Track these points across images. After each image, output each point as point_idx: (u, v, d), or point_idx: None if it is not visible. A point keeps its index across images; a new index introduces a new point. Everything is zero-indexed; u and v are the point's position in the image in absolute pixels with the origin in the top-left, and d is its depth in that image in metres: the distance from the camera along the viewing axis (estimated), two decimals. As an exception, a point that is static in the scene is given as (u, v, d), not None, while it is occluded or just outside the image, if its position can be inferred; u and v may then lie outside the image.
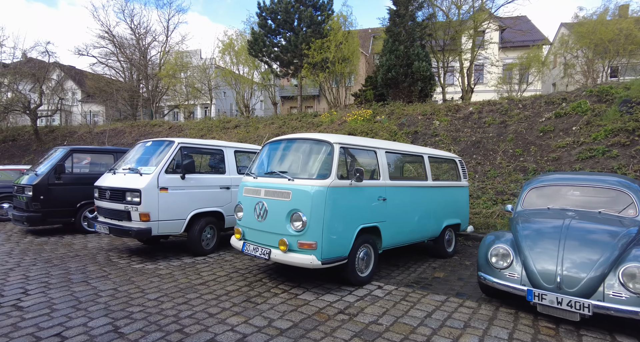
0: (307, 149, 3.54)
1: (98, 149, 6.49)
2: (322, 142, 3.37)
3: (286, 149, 3.72)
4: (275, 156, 3.80)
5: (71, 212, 5.84)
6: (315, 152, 3.41)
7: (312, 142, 3.50)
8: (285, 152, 3.73)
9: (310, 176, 3.25)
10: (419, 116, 10.86)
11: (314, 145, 3.46)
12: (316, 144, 3.44)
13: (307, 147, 3.53)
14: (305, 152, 3.55)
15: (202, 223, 4.54)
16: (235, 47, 16.53)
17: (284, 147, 3.74)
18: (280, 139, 3.77)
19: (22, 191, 5.72)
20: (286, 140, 3.72)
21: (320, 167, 3.28)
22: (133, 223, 4.13)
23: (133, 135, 17.71)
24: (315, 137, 3.48)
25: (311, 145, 3.50)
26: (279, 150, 3.79)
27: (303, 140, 3.60)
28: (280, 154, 3.76)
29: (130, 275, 3.70)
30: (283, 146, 3.76)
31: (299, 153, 3.60)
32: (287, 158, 3.67)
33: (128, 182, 4.21)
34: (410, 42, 11.98)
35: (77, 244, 5.18)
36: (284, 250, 3.12)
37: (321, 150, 3.35)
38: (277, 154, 3.80)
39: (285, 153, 3.72)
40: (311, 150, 3.48)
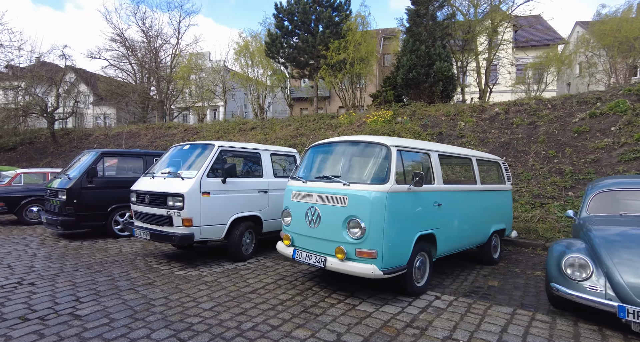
0: (360, 152, 3.41)
1: (128, 152, 6.46)
2: (377, 145, 3.24)
3: (336, 152, 3.59)
4: (324, 160, 3.67)
5: (102, 216, 5.80)
6: (370, 156, 3.27)
7: (365, 144, 3.37)
8: (335, 155, 3.60)
9: (366, 180, 3.12)
10: (442, 117, 10.65)
11: (368, 148, 3.32)
12: (371, 146, 3.30)
13: (361, 150, 3.40)
14: (358, 155, 3.42)
15: (242, 228, 4.44)
16: (251, 48, 16.54)
17: (334, 150, 3.62)
18: (329, 142, 3.64)
19: (55, 195, 5.70)
20: (336, 143, 3.59)
21: (377, 171, 3.14)
22: (175, 228, 4.05)
23: (148, 138, 17.84)
24: (369, 140, 3.34)
25: (365, 148, 3.37)
26: (327, 154, 3.67)
27: (355, 143, 3.47)
28: (329, 158, 3.64)
29: (176, 282, 3.61)
30: (332, 149, 3.63)
31: (351, 156, 3.47)
32: (338, 162, 3.54)
33: (169, 186, 4.13)
34: (431, 42, 11.79)
35: (112, 249, 5.13)
36: (341, 258, 2.99)
37: (377, 154, 3.22)
38: (326, 157, 3.67)
39: (336, 156, 3.59)
40: (365, 153, 3.34)
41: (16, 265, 4.16)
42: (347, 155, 3.50)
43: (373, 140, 3.30)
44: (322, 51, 12.85)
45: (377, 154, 3.21)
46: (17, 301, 3.03)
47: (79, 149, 19.54)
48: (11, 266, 4.13)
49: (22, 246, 5.24)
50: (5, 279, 3.62)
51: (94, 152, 6.06)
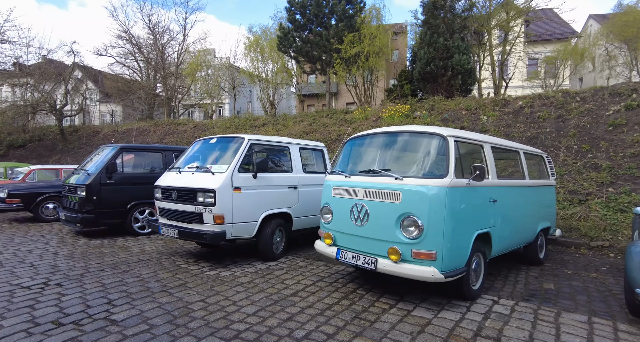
0: (411, 143, 3.14)
1: (147, 147, 6.25)
2: (431, 135, 2.96)
3: (382, 144, 3.33)
4: (367, 152, 3.41)
5: (122, 213, 5.61)
6: (424, 147, 3.00)
7: (418, 135, 3.10)
8: (380, 147, 3.34)
9: (422, 174, 2.85)
10: (463, 111, 10.31)
11: (421, 139, 3.05)
12: (423, 137, 3.03)
13: (412, 141, 3.13)
14: (409, 146, 3.15)
15: (273, 225, 4.20)
16: (261, 43, 16.26)
17: (379, 141, 3.35)
18: (373, 132, 3.37)
19: (74, 191, 5.52)
20: (381, 134, 3.31)
21: (433, 164, 2.88)
22: (206, 226, 3.82)
23: (158, 135, 17.69)
24: (422, 130, 3.07)
25: (417, 138, 3.10)
26: (371, 146, 3.41)
27: (405, 134, 3.20)
28: (374, 150, 3.38)
29: (209, 283, 3.39)
30: (377, 141, 3.36)
31: (400, 148, 3.21)
32: (385, 154, 3.28)
33: (199, 181, 3.90)
34: (449, 34, 11.42)
35: (134, 248, 4.93)
36: (395, 260, 2.74)
37: (431, 145, 2.94)
38: (369, 149, 3.41)
39: (381, 148, 3.33)
40: (417, 145, 3.07)
41: (39, 264, 3.97)
42: (395, 147, 3.23)
43: (426, 130, 3.03)
44: (336, 45, 12.53)
45: (431, 145, 2.94)
46: (47, 304, 2.82)
47: (88, 145, 19.47)
48: (34, 265, 3.94)
49: (41, 244, 5.07)
50: (31, 280, 3.43)
51: (112, 147, 5.85)
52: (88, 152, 18.73)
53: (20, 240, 5.28)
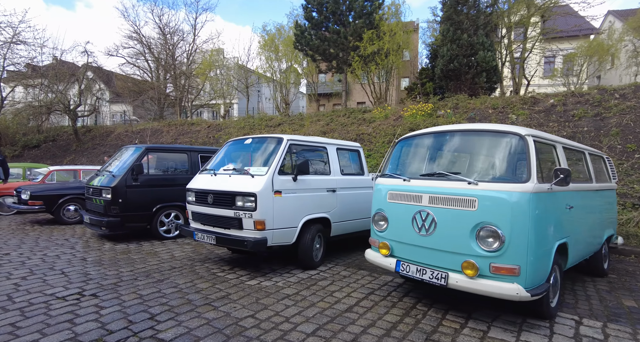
0: (482, 144, 2.82)
1: (173, 148, 6.05)
2: (508, 135, 2.65)
3: (445, 145, 3.02)
4: (426, 154, 3.12)
5: (148, 217, 5.41)
6: (499, 148, 2.69)
7: (490, 134, 2.78)
8: (442, 148, 3.04)
9: (499, 178, 2.54)
10: (489, 110, 9.91)
11: (495, 139, 2.74)
12: (498, 136, 2.72)
13: (483, 142, 2.82)
14: (479, 147, 2.84)
15: (313, 231, 3.93)
16: (276, 41, 16.05)
17: (441, 142, 3.04)
18: (432, 132, 3.07)
19: (98, 193, 5.34)
20: (444, 133, 3.01)
21: (511, 167, 2.57)
22: (246, 232, 3.57)
23: (171, 135, 17.63)
24: (495, 129, 2.76)
25: (490, 138, 2.78)
26: (431, 147, 3.10)
27: (475, 133, 2.88)
28: (434, 151, 3.08)
29: (253, 295, 3.13)
30: (438, 141, 3.06)
31: (468, 149, 2.91)
32: (449, 156, 2.98)
33: (238, 184, 3.66)
34: (473, 30, 11.02)
35: (162, 253, 4.72)
36: (471, 275, 2.44)
37: (507, 145, 2.63)
38: (429, 151, 3.11)
39: (444, 150, 3.03)
40: (491, 146, 2.76)
41: (70, 271, 3.77)
42: (462, 148, 2.93)
43: (501, 129, 2.71)
44: (355, 42, 12.23)
45: (507, 146, 2.63)
46: (87, 318, 2.60)
47: (101, 146, 19.53)
48: (65, 272, 3.74)
49: (67, 248, 4.89)
50: (65, 289, 3.22)
51: (137, 148, 5.66)
52: (102, 152, 18.78)
53: (46, 244, 5.12)
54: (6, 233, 5.87)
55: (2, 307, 2.81)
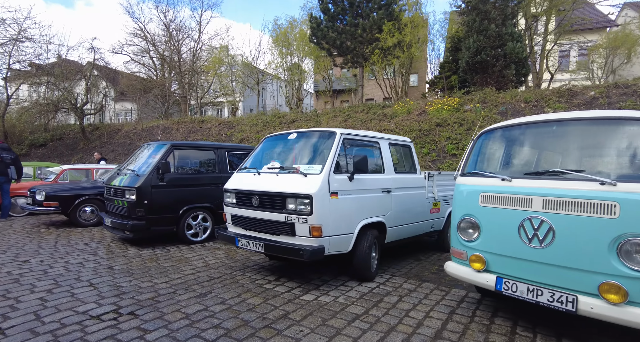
0: (614, 135, 2.31)
1: (198, 145, 5.60)
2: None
3: (556, 137, 2.51)
4: (527, 148, 2.64)
5: (174, 219, 4.98)
6: (633, 139, 2.20)
7: (618, 123, 2.28)
8: (550, 140, 2.55)
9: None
10: (522, 104, 9.39)
11: (626, 128, 2.25)
12: (629, 125, 2.23)
13: (608, 132, 2.32)
14: (603, 139, 2.34)
15: (370, 238, 3.48)
16: (289, 36, 15.54)
17: (547, 133, 2.52)
18: (533, 121, 2.53)
19: (121, 194, 4.91)
20: (550, 123, 2.49)
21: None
22: (299, 239, 3.13)
23: (181, 132, 17.23)
24: (625, 116, 2.26)
25: (617, 128, 2.28)
26: (532, 139, 2.62)
27: (601, 122, 2.33)
28: (538, 145, 2.60)
29: (317, 315, 2.69)
30: (544, 132, 2.54)
31: (589, 142, 2.41)
32: (561, 150, 2.50)
33: (289, 185, 3.21)
34: (501, 20, 10.46)
35: (194, 260, 4.29)
36: (616, 301, 1.96)
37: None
38: (529, 144, 2.63)
39: (553, 142, 2.54)
40: (621, 136, 2.27)
41: (98, 283, 3.35)
42: (580, 140, 2.42)
43: (633, 116, 2.23)
44: (376, 34, 11.71)
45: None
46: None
47: (109, 144, 19.17)
48: (94, 284, 3.32)
49: (89, 254, 4.48)
50: (98, 306, 2.80)
51: (162, 145, 5.22)
52: (110, 150, 18.42)
53: (65, 249, 4.71)
54: (22, 237, 5.47)
55: (32, 329, 2.39)
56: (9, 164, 7.20)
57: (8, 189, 7.25)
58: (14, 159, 7.39)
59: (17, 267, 3.84)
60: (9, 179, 7.19)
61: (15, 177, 7.34)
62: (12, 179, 7.28)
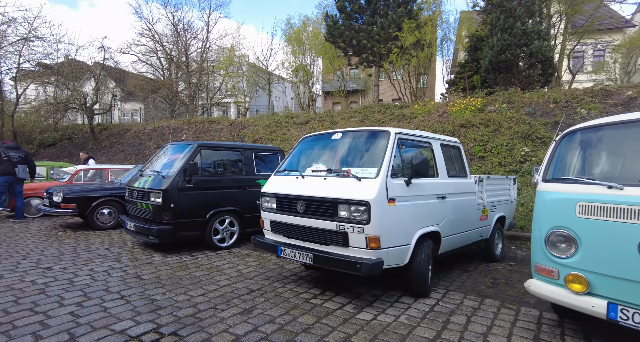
0: None
1: (225, 145, 5.32)
2: None
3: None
4: (631, 150, 2.31)
5: (201, 224, 4.70)
6: None
7: None
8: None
9: None
10: (550, 104, 9.02)
11: None
12: None
13: None
14: None
15: (427, 248, 3.16)
16: (302, 36, 15.28)
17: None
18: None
19: (145, 197, 4.64)
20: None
21: None
22: (353, 251, 2.82)
23: (192, 133, 17.02)
24: None
25: None
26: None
27: None
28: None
29: (382, 338, 2.37)
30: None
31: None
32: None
33: (341, 190, 2.90)
34: (527, 17, 10.10)
35: (226, 268, 4.00)
36: None
37: None
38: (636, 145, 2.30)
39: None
40: None
41: (130, 295, 3.07)
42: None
43: None
44: (395, 32, 11.39)
45: None
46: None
47: (119, 144, 19.03)
48: (125, 296, 3.04)
49: (113, 260, 4.20)
50: (135, 323, 2.51)
51: (187, 145, 4.95)
52: (120, 150, 18.26)
53: (87, 255, 4.44)
54: (40, 240, 5.23)
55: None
56: (16, 163, 6.80)
57: (20, 189, 6.97)
58: (23, 157, 6.98)
59: (41, 275, 3.57)
60: (19, 179, 6.87)
61: (26, 176, 6.97)
62: (22, 179, 6.96)
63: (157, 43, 22.16)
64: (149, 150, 16.84)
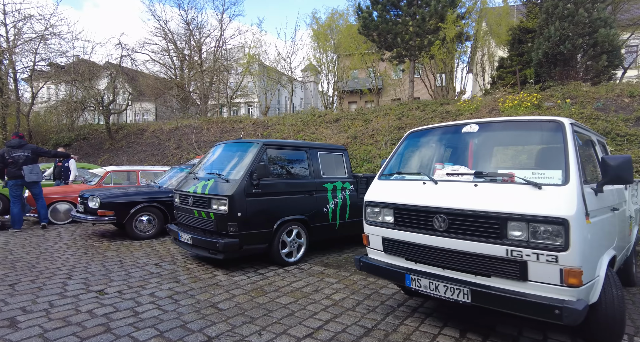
0: None
1: (290, 144, 4.57)
2: None
3: None
4: None
5: (268, 236, 3.97)
6: None
7: None
8: None
9: None
10: (625, 98, 8.11)
11: None
12: None
13: None
14: None
15: (617, 281, 2.36)
16: (327, 32, 14.54)
17: None
18: None
19: (205, 204, 3.91)
20: None
21: None
22: (536, 287, 2.03)
23: (213, 133, 16.41)
24: None
25: None
26: None
27: None
28: None
29: None
30: None
31: None
32: None
33: (512, 200, 2.12)
34: (591, 3, 9.20)
35: (311, 292, 3.25)
36: None
37: None
38: None
39: None
40: None
41: (219, 336, 2.34)
42: None
43: None
44: (438, 23, 10.57)
45: None
46: None
47: (137, 144, 18.51)
48: (211, 337, 2.30)
49: (170, 280, 3.49)
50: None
51: (249, 144, 4.22)
52: (138, 151, 17.72)
53: (138, 273, 3.74)
54: (78, 253, 4.55)
55: None
56: (22, 164, 5.76)
57: (37, 191, 5.99)
58: (30, 156, 5.89)
59: (97, 303, 2.87)
60: (34, 183, 5.87)
61: (36, 178, 5.88)
62: (34, 181, 5.87)
63: (170, 42, 21.70)
64: (169, 150, 16.26)
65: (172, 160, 15.17)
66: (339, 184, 4.71)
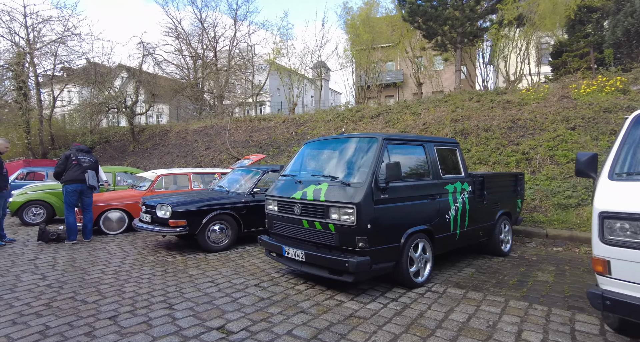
0: None
1: (410, 139, 3.82)
2: None
3: None
4: None
5: (396, 252, 3.24)
6: None
7: None
8: None
9: None
10: None
11: None
12: None
13: None
14: None
15: None
16: (358, 24, 13.69)
17: None
18: None
19: (323, 213, 3.17)
20: None
21: None
22: None
23: (241, 132, 15.78)
24: None
25: None
26: None
27: None
28: None
29: None
30: None
31: None
32: None
33: None
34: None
35: (484, 327, 2.52)
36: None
37: None
38: None
39: None
40: None
41: None
42: None
43: None
44: (497, 5, 9.65)
45: None
46: None
47: (162, 146, 18.06)
48: None
49: (295, 311, 2.81)
50: None
51: (366, 139, 3.49)
52: (165, 152, 17.25)
53: (247, 299, 3.07)
54: (158, 272, 3.91)
55: None
56: (86, 168, 5.48)
57: (90, 201, 5.59)
58: (94, 163, 5.71)
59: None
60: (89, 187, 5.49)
61: (96, 185, 5.61)
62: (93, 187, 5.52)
63: (183, 41, 21.18)
64: (198, 151, 15.73)
65: (203, 161, 14.63)
66: (459, 185, 3.95)
